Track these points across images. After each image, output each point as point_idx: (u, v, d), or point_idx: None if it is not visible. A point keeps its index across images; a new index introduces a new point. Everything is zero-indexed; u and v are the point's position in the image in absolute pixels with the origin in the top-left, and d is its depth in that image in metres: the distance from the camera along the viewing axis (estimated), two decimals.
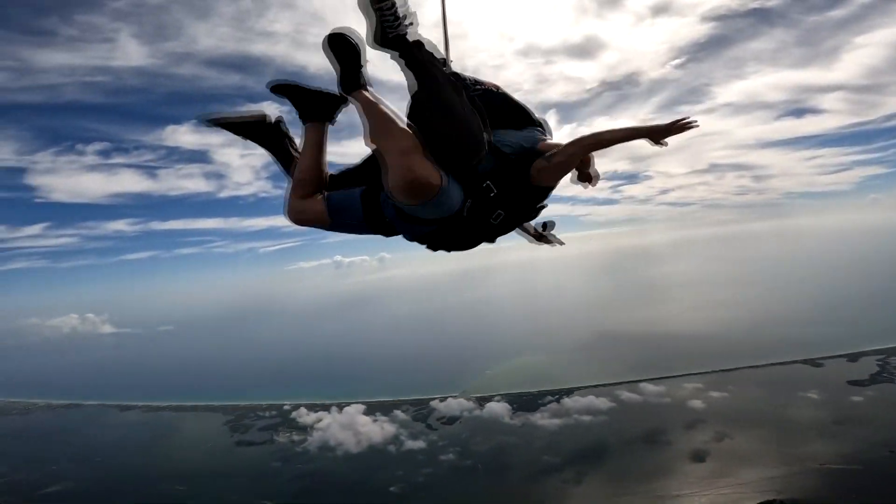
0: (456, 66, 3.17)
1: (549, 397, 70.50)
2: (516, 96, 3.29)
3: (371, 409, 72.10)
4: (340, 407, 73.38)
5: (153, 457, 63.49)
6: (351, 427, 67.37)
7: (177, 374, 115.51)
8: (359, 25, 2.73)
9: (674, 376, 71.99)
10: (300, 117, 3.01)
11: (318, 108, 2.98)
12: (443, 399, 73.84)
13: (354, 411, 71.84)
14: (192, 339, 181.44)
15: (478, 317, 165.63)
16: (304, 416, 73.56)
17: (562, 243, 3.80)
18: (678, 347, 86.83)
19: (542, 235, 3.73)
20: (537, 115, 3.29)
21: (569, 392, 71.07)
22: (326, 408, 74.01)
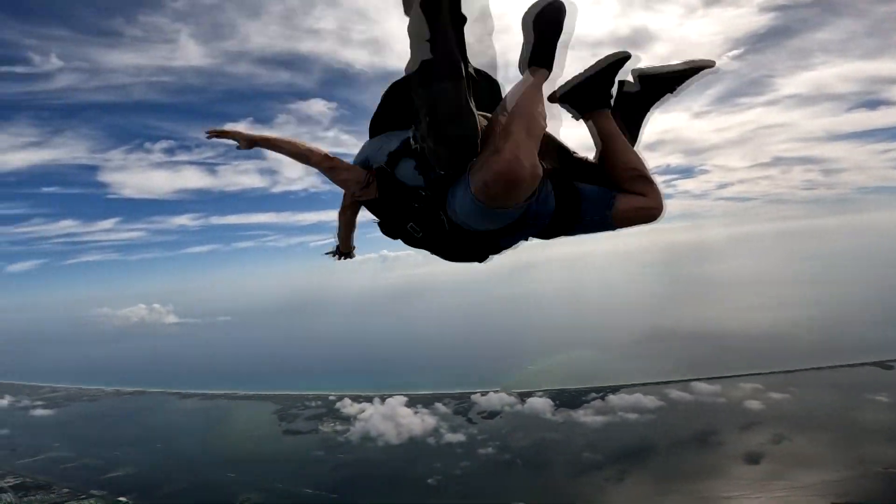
0: (499, 61, 2.83)
1: (594, 394, 68.48)
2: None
3: (412, 402, 72.69)
4: (383, 399, 74.23)
5: (207, 443, 66.60)
6: (392, 419, 68.10)
7: (232, 364, 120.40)
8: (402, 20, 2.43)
9: (730, 376, 68.52)
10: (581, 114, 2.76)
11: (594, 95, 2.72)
12: (484, 393, 73.27)
13: (396, 403, 72.51)
14: (247, 330, 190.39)
15: (522, 312, 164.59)
16: (348, 407, 74.97)
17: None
18: (736, 347, 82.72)
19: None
20: None
21: (614, 390, 68.62)
22: (369, 399, 75.20)
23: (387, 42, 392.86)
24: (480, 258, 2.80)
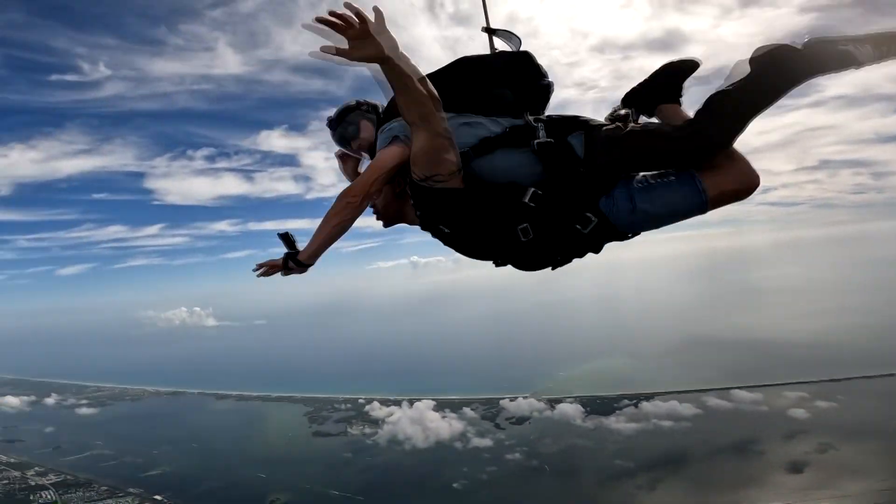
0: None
1: (627, 401, 66.44)
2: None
3: (440, 406, 72.62)
4: (411, 402, 74.45)
5: (241, 443, 68.03)
6: (420, 422, 68.12)
7: (267, 366, 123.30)
8: (426, 26, 1.89)
9: (773, 384, 65.50)
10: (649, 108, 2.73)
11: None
12: (513, 399, 72.58)
13: (424, 407, 72.63)
14: (281, 333, 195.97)
15: (554, 319, 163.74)
16: (377, 410, 75.40)
17: None
18: (780, 355, 79.09)
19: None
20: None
21: (648, 397, 66.42)
22: (398, 403, 75.44)
23: (415, 48, 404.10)
24: (564, 261, 2.63)
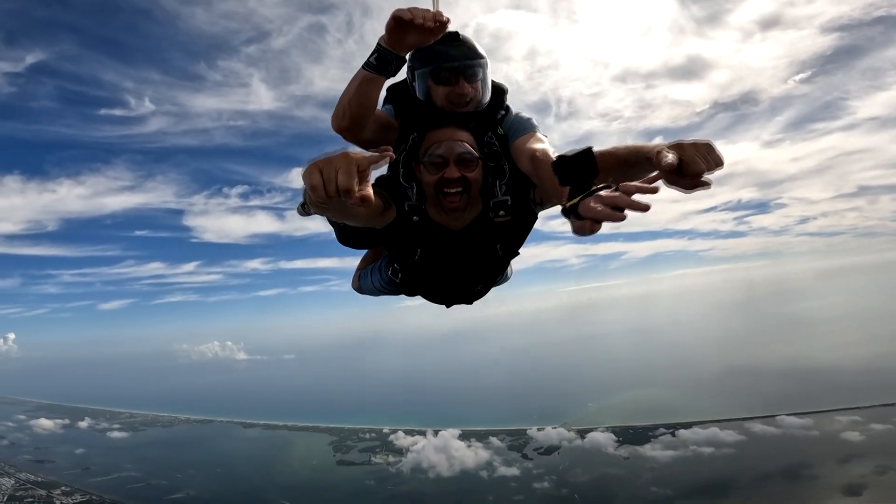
0: (551, 98, 2.40)
1: (663, 429, 63.09)
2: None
3: (466, 436, 71.04)
4: (436, 432, 73.37)
5: (266, 470, 67.99)
6: (445, 451, 66.70)
7: (294, 397, 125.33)
8: None
9: (823, 411, 61.53)
10: None
11: None
12: (541, 429, 70.42)
13: (449, 436, 71.36)
14: (309, 367, 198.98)
15: (585, 352, 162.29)
16: (401, 440, 74.57)
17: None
18: (828, 382, 74.87)
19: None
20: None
21: (687, 426, 62.94)
22: (423, 433, 74.22)
23: None
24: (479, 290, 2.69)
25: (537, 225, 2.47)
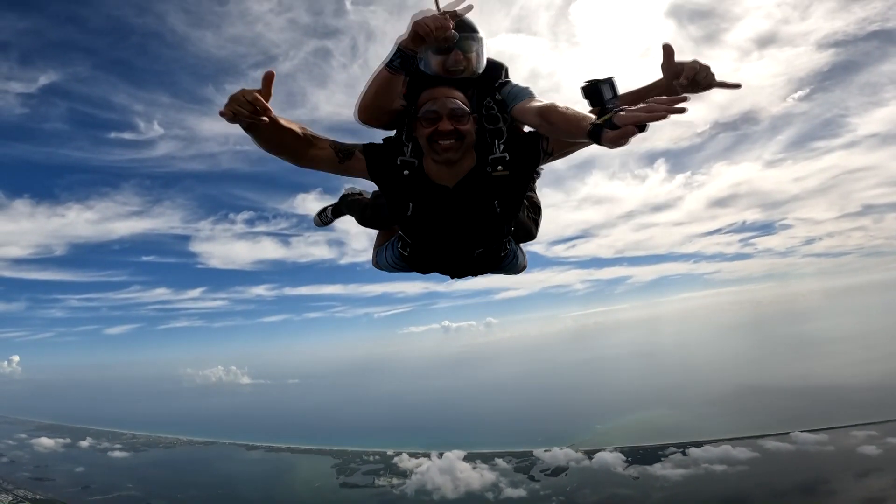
0: None
1: (673, 448, 61.82)
2: None
3: (471, 457, 69.96)
4: (441, 454, 72.44)
5: (268, 492, 67.11)
6: (450, 472, 65.49)
7: (297, 421, 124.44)
8: None
9: (838, 427, 60.33)
10: None
11: None
12: (547, 450, 69.13)
13: (454, 457, 70.22)
14: (313, 392, 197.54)
15: (590, 375, 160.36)
16: (406, 462, 73.45)
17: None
18: (842, 399, 73.48)
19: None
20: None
21: (698, 444, 61.72)
22: (427, 455, 73.38)
23: None
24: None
25: (541, 251, 2.58)
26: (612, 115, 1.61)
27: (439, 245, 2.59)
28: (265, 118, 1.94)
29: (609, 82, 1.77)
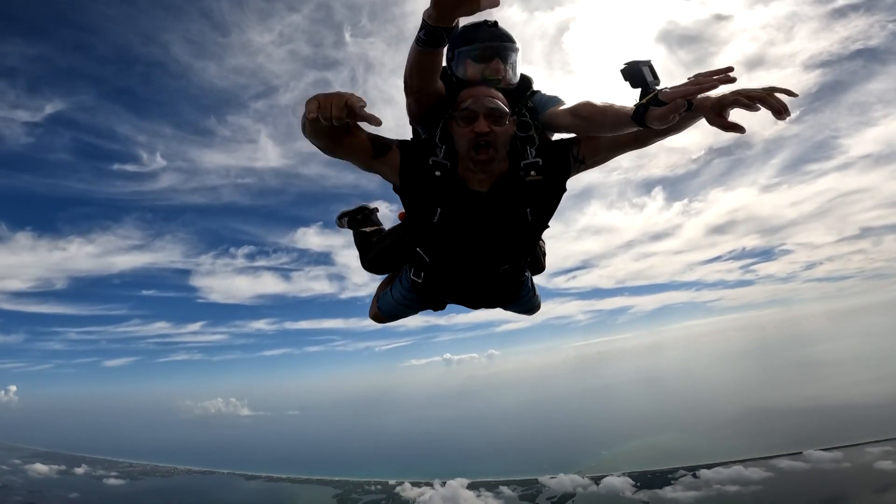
0: None
1: (683, 471, 60.41)
2: None
3: (475, 486, 68.53)
4: (444, 482, 71.09)
5: None
6: (453, 501, 64.46)
7: (298, 451, 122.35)
8: None
9: (853, 444, 59.33)
10: None
11: None
12: (553, 477, 67.67)
13: (457, 486, 68.97)
14: (314, 423, 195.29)
15: (594, 403, 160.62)
16: (408, 491, 72.00)
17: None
18: (855, 417, 72.51)
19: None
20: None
21: (708, 466, 60.44)
22: (430, 483, 71.98)
23: None
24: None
25: (541, 282, 2.84)
26: (657, 93, 1.64)
27: (463, 259, 2.37)
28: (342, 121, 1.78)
29: (648, 64, 1.74)
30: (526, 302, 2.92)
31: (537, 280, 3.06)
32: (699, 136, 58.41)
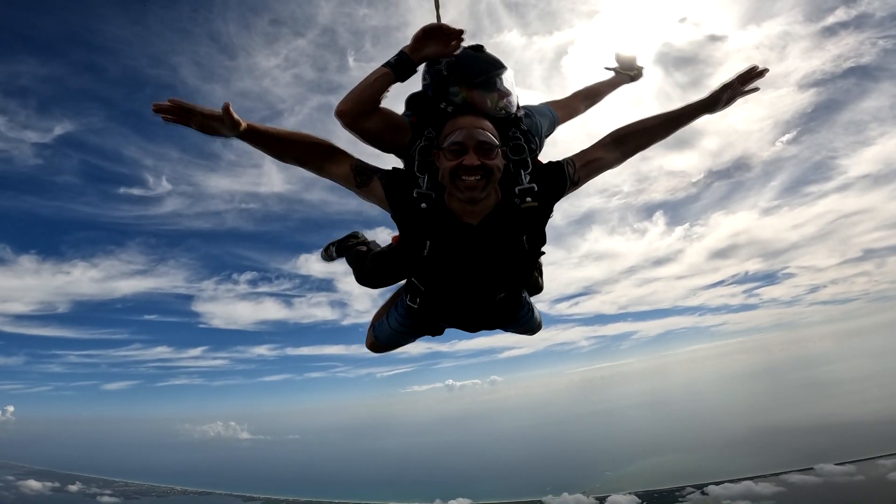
0: None
1: (691, 489, 58.99)
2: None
3: None
4: (445, 501, 69.69)
5: None
6: None
7: (298, 474, 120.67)
8: None
9: (865, 459, 58.07)
10: None
11: None
12: (557, 496, 66.21)
13: None
14: (314, 447, 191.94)
15: (598, 426, 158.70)
16: None
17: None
18: (865, 433, 71.33)
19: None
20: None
21: (717, 483, 59.08)
22: None
23: None
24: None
25: (544, 309, 2.76)
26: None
27: (458, 290, 2.27)
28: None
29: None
30: (526, 322, 2.78)
31: (540, 305, 2.94)
32: (698, 158, 58.11)
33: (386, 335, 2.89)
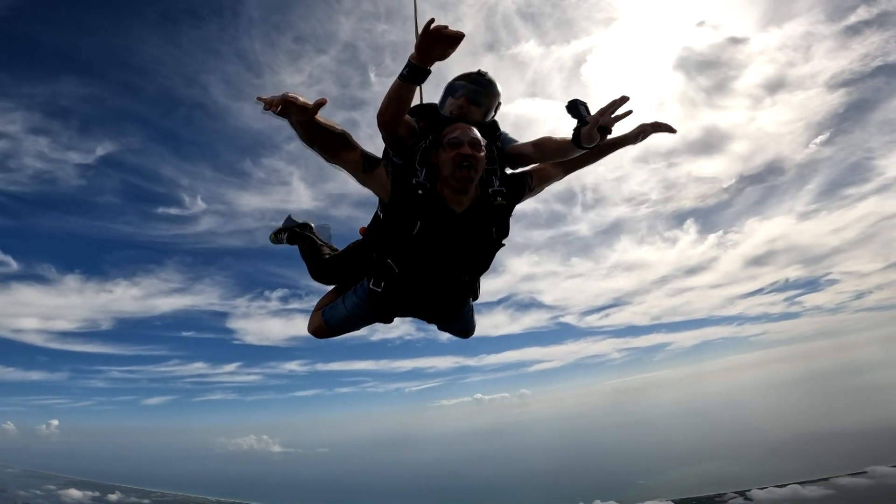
0: (576, 186, 2.49)
1: (732, 494, 56.41)
2: None
3: None
4: None
5: None
6: None
7: (329, 485, 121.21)
8: None
9: None
10: None
11: None
12: (588, 503, 64.68)
13: None
14: (344, 460, 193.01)
15: (633, 435, 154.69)
16: None
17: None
18: None
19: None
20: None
21: (761, 488, 56.40)
22: None
23: None
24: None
25: (573, 322, 3.25)
26: (585, 119, 2.52)
27: (433, 268, 2.73)
28: (307, 114, 2.31)
29: (584, 104, 2.60)
30: (466, 321, 3.30)
31: (569, 318, 3.28)
32: (728, 163, 55.82)
33: (340, 318, 3.16)
